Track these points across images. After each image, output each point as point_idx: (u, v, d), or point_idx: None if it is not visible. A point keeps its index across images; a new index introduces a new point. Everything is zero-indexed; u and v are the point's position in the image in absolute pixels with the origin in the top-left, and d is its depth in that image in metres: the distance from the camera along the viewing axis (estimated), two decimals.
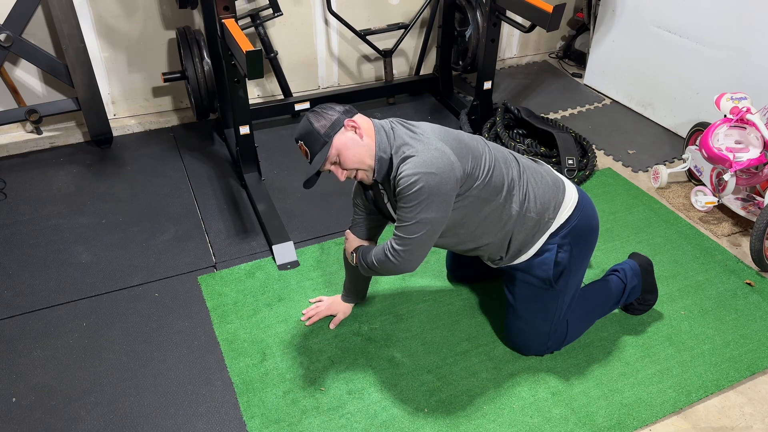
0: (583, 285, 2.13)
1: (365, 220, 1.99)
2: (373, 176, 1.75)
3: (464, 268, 2.33)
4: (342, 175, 1.75)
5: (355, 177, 1.77)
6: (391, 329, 2.20)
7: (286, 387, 1.99)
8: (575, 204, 1.88)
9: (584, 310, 2.08)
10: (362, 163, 1.72)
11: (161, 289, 2.36)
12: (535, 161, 1.95)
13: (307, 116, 1.73)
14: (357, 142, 1.71)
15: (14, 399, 1.95)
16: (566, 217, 1.86)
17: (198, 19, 3.29)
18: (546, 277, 1.89)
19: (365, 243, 2.00)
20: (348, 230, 2.03)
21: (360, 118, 1.75)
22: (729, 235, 2.66)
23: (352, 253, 1.95)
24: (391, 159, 1.71)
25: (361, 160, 1.71)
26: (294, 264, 2.48)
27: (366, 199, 1.91)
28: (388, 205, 1.85)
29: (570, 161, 2.95)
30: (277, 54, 3.37)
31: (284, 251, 2.50)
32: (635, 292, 2.17)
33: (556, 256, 1.86)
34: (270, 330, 2.19)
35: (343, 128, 1.71)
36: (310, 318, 2.22)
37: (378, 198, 1.86)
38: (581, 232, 1.89)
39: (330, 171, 1.77)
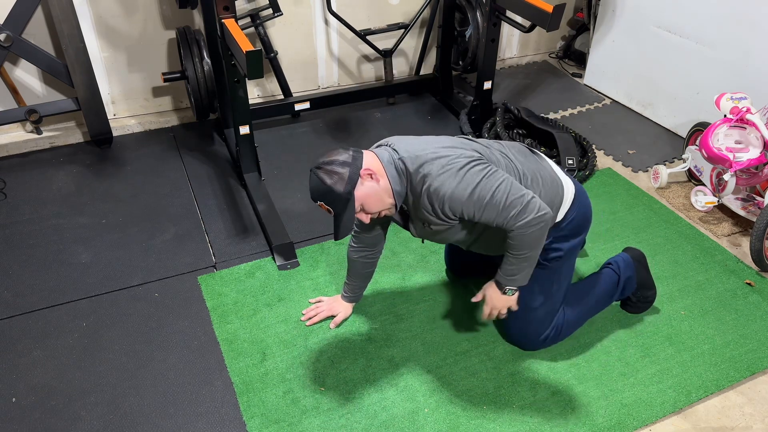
0: (578, 281, 2.19)
1: (368, 228, 2.00)
2: (396, 209, 1.80)
3: (461, 260, 2.35)
4: (367, 219, 1.78)
5: (379, 215, 1.80)
6: (391, 329, 2.20)
7: (286, 387, 1.99)
8: (572, 198, 1.92)
9: (580, 302, 2.11)
10: (384, 204, 1.76)
11: (161, 289, 2.36)
12: (534, 152, 1.96)
13: (317, 175, 1.71)
14: (376, 189, 1.72)
15: (14, 399, 1.95)
16: (565, 211, 1.90)
17: (198, 19, 3.29)
18: (543, 258, 1.92)
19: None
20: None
21: (369, 159, 1.74)
22: (729, 235, 2.66)
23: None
24: (406, 191, 1.76)
25: (383, 202, 1.75)
26: (294, 264, 2.48)
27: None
28: (411, 226, 1.89)
29: (570, 161, 2.95)
30: (277, 54, 3.38)
31: (284, 251, 2.50)
32: (630, 284, 2.18)
33: (550, 244, 1.91)
34: (270, 330, 2.19)
35: (360, 179, 1.71)
36: (310, 318, 2.22)
37: (396, 216, 1.90)
38: (578, 223, 1.94)
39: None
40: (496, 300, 1.88)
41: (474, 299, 1.96)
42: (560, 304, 2.03)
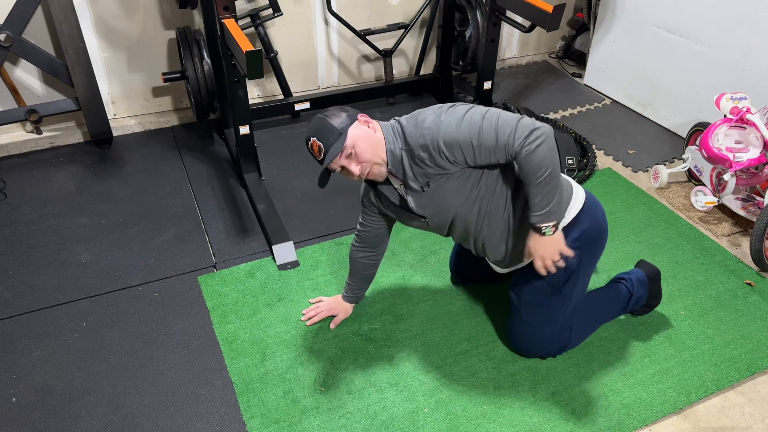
0: (588, 291, 2.11)
1: (373, 221, 2.00)
2: (387, 167, 1.75)
3: (467, 268, 2.32)
4: (357, 169, 1.72)
5: (369, 174, 1.75)
6: (391, 329, 2.20)
7: (286, 387, 1.99)
8: (582, 203, 1.86)
9: (588, 317, 2.08)
10: (376, 155, 1.72)
11: (161, 289, 2.36)
12: None
13: (318, 116, 1.75)
14: (371, 135, 1.73)
15: (14, 399, 1.95)
16: (574, 215, 1.84)
17: (198, 19, 3.29)
18: (555, 281, 1.88)
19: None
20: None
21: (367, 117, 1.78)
22: (729, 235, 2.66)
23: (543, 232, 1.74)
24: (401, 151, 1.73)
25: (375, 151, 1.72)
26: (294, 264, 2.48)
27: (380, 200, 1.91)
28: (408, 199, 1.81)
29: (570, 161, 2.95)
30: (277, 54, 3.38)
31: (284, 251, 2.50)
32: (640, 301, 2.17)
33: (566, 260, 1.84)
34: (270, 330, 2.19)
35: (356, 122, 1.74)
36: (310, 318, 2.22)
37: (394, 196, 1.86)
38: (591, 236, 1.87)
39: (341, 171, 1.75)
40: (541, 247, 1.76)
41: (526, 259, 1.85)
42: (569, 321, 2.01)
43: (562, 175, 1.87)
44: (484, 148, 1.64)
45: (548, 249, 1.76)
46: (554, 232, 1.74)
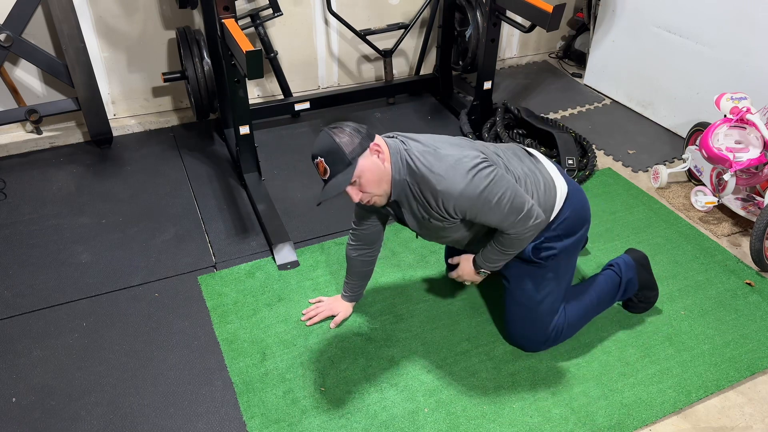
0: (580, 282, 2.18)
1: (369, 219, 2.00)
2: (389, 199, 1.79)
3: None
4: (357, 197, 1.74)
5: (368, 201, 1.77)
6: (391, 329, 2.20)
7: (286, 387, 1.99)
8: (563, 201, 1.92)
9: (581, 303, 2.10)
10: (380, 188, 1.73)
11: (161, 289, 2.36)
12: (530, 153, 1.96)
13: (328, 132, 1.70)
14: (379, 167, 1.71)
15: (14, 399, 1.95)
16: (557, 211, 1.92)
17: (198, 19, 3.29)
18: (539, 261, 1.95)
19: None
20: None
21: (379, 140, 1.75)
22: (729, 235, 2.66)
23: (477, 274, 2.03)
24: (406, 182, 1.74)
25: (380, 185, 1.73)
26: (294, 264, 2.48)
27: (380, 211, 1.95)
28: (406, 216, 1.86)
29: (570, 161, 2.95)
30: (277, 54, 3.38)
31: (284, 251, 2.50)
32: (632, 286, 2.18)
33: (541, 243, 1.92)
34: (270, 330, 2.19)
35: (368, 151, 1.70)
36: (310, 318, 2.22)
37: (397, 213, 1.90)
38: (572, 224, 1.94)
39: (343, 192, 1.75)
40: (467, 273, 2.04)
41: (451, 261, 2.11)
42: (559, 303, 2.03)
43: (547, 176, 1.91)
44: (487, 220, 1.78)
45: (470, 277, 2.05)
46: (484, 276, 2.04)
